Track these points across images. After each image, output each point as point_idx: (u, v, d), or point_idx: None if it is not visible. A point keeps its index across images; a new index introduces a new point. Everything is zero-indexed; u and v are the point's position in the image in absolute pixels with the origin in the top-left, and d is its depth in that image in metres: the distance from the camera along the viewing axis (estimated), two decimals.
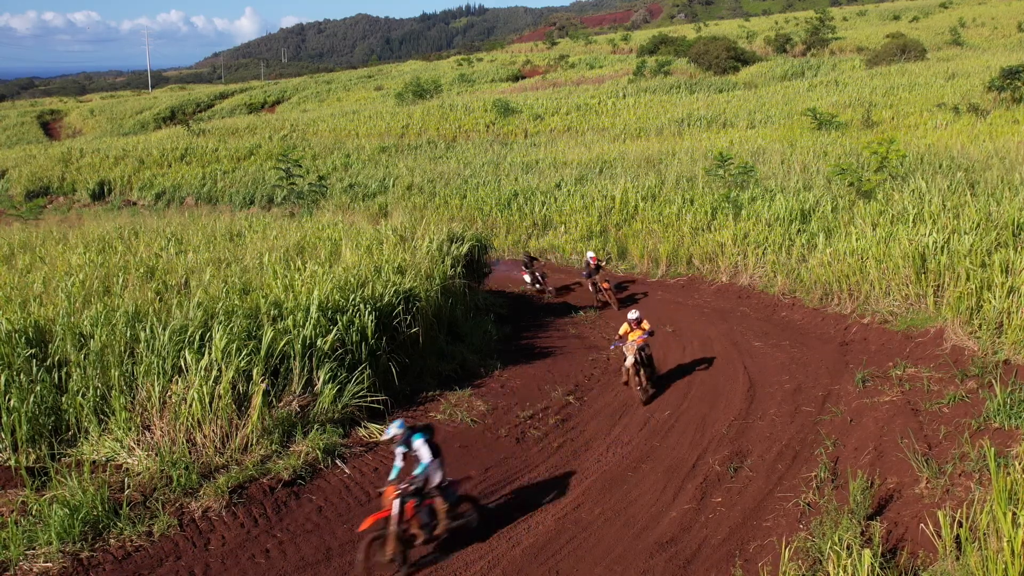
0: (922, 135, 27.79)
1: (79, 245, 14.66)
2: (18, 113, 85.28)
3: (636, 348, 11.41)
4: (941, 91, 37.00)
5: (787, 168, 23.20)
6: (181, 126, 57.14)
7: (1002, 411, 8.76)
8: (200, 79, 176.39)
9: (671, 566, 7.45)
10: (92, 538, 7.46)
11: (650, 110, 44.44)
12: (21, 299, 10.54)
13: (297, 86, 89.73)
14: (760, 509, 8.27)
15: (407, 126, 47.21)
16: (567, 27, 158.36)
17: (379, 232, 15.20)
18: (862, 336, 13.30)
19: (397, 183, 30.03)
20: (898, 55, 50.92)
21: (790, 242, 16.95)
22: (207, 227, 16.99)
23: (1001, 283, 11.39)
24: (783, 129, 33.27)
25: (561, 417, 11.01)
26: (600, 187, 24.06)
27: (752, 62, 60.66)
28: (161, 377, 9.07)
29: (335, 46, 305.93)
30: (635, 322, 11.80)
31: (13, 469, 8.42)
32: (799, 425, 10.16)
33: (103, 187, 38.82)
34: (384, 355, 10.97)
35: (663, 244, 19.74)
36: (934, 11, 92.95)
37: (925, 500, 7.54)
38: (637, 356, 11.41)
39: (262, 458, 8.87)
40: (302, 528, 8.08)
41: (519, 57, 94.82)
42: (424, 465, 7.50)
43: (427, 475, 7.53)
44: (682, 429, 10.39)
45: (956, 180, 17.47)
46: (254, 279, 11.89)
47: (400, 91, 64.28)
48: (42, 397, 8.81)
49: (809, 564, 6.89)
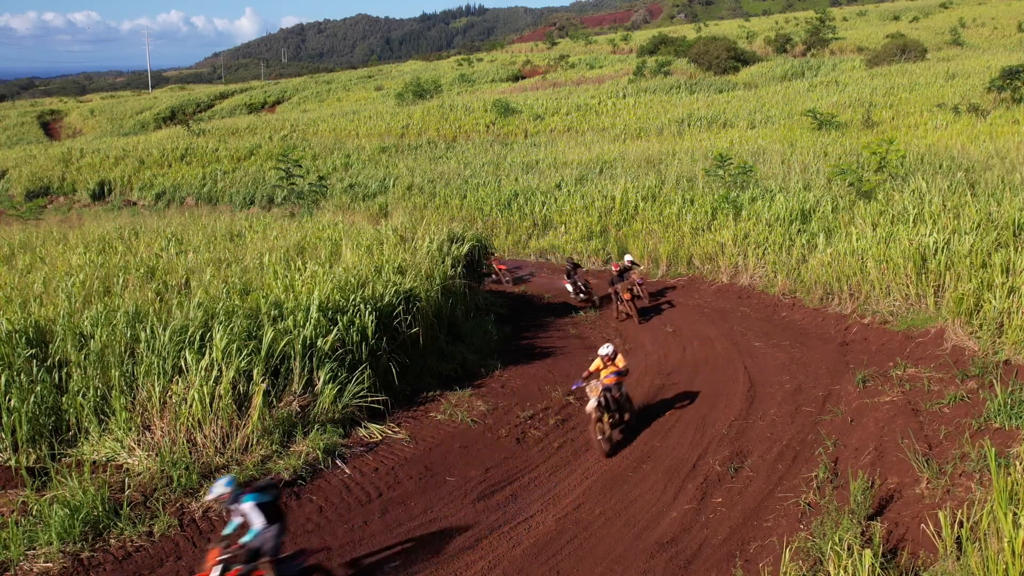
0: (922, 135, 27.79)
1: (79, 245, 14.67)
2: (18, 113, 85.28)
3: (602, 389, 9.75)
4: (941, 91, 36.99)
5: (787, 168, 23.20)
6: (181, 126, 57.15)
7: (1002, 411, 8.75)
8: (200, 79, 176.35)
9: (672, 566, 7.44)
10: (92, 538, 7.46)
11: (650, 110, 44.44)
12: (21, 299, 10.55)
13: (297, 86, 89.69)
14: (761, 509, 8.27)
15: (407, 126, 47.21)
16: (567, 27, 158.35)
17: (379, 232, 15.20)
18: (862, 336, 13.30)
19: (397, 183, 30.04)
20: (898, 55, 50.91)
21: (790, 242, 16.95)
22: (207, 227, 16.99)
23: (1001, 283, 11.38)
24: (783, 129, 33.27)
25: (561, 417, 11.00)
26: (600, 187, 24.06)
27: (752, 62, 60.66)
28: (161, 377, 9.07)
29: (335, 46, 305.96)
30: (608, 358, 10.27)
31: (13, 469, 8.42)
32: (799, 425, 10.15)
33: (103, 187, 38.84)
34: (384, 355, 10.97)
35: (663, 244, 19.74)
36: (934, 11, 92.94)
37: (926, 500, 7.53)
38: (603, 399, 9.69)
39: (262, 458, 8.87)
40: (303, 528, 8.08)
41: (519, 57, 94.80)
42: (254, 532, 6.45)
43: (259, 544, 6.46)
44: (682, 429, 10.39)
45: (956, 180, 17.47)
46: (254, 279, 11.89)
47: (400, 91, 64.28)
48: (42, 397, 8.81)
49: (810, 564, 6.88)
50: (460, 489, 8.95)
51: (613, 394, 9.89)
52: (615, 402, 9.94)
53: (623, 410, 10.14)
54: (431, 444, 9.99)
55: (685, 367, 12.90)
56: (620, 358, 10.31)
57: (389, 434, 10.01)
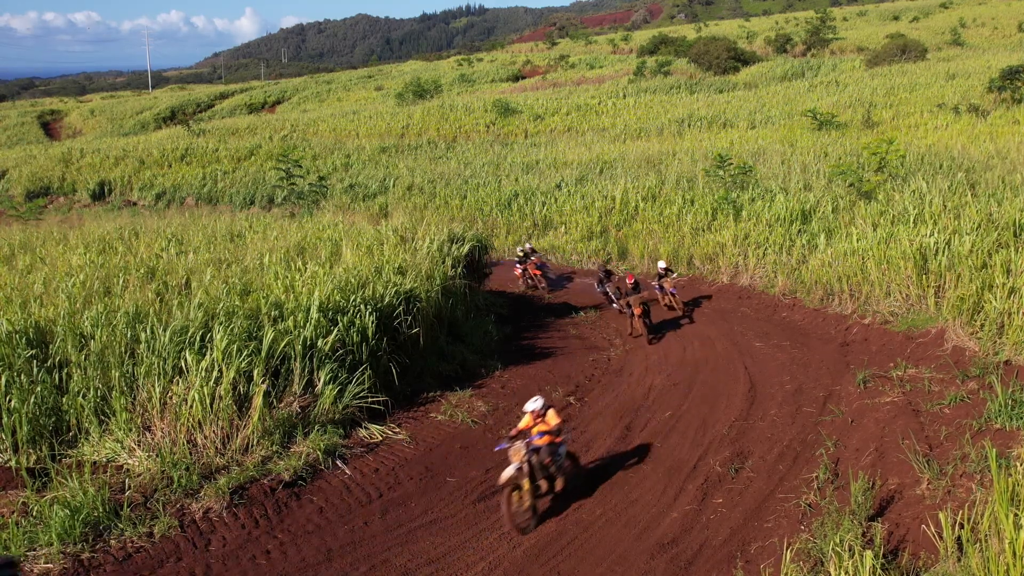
0: (923, 135, 27.79)
1: (79, 246, 14.66)
2: (18, 113, 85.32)
3: (527, 452, 8.00)
4: (941, 91, 36.99)
5: (787, 168, 23.19)
6: (181, 126, 57.17)
7: (1003, 412, 8.74)
8: (200, 79, 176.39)
9: (672, 567, 7.44)
10: (93, 539, 7.45)
11: (650, 110, 44.46)
12: (22, 300, 10.53)
13: (297, 86, 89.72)
14: (761, 510, 8.26)
15: (407, 126, 47.23)
16: (567, 27, 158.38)
17: (380, 232, 15.20)
18: (863, 336, 13.29)
19: (397, 183, 30.04)
20: (898, 55, 50.92)
21: (791, 242, 16.95)
22: (207, 227, 16.98)
23: (1002, 284, 11.38)
24: (783, 129, 33.27)
25: (562, 418, 10.98)
26: (600, 187, 24.07)
27: (752, 62, 60.70)
28: (162, 378, 9.07)
29: (335, 46, 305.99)
30: (537, 414, 8.39)
31: (14, 470, 8.42)
32: (800, 426, 10.15)
33: (103, 187, 38.84)
34: (385, 356, 10.96)
35: (663, 244, 19.73)
36: (934, 11, 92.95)
37: (926, 501, 7.53)
38: (527, 464, 7.99)
39: (263, 459, 8.86)
40: (303, 529, 8.08)
41: (519, 57, 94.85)
42: None
43: None
44: (683, 430, 10.38)
45: (957, 181, 17.47)
46: (255, 280, 11.89)
47: (400, 91, 64.31)
48: (43, 398, 8.80)
49: (811, 565, 6.88)
50: (461, 490, 8.94)
51: (542, 458, 8.15)
52: (543, 469, 8.19)
53: (555, 478, 8.35)
54: (431, 445, 9.99)
55: (685, 367, 12.90)
56: (552, 414, 8.45)
57: (389, 435, 10.01)
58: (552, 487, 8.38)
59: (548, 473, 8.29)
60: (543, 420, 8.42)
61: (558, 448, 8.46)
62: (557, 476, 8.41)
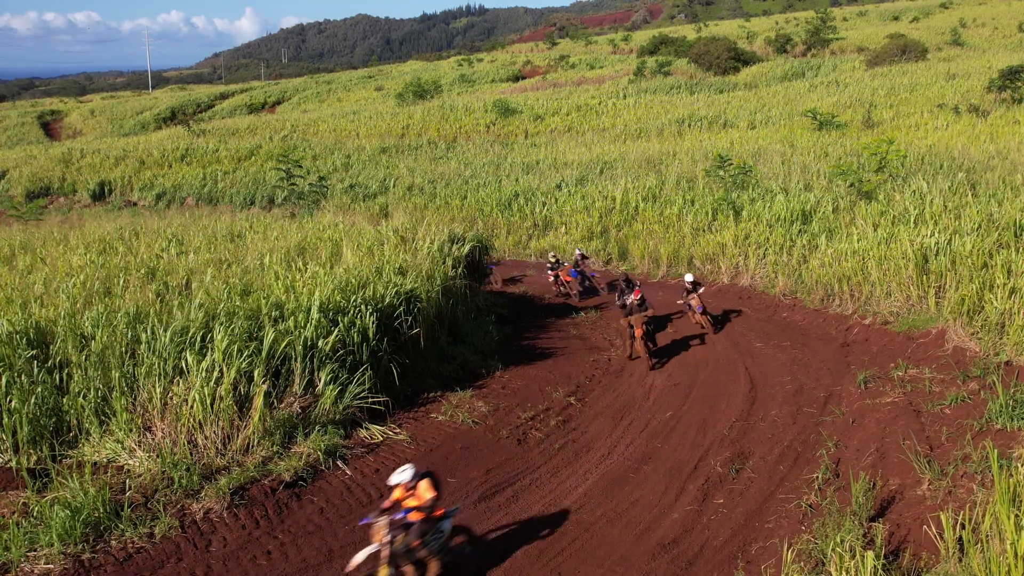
0: (923, 136, 27.80)
1: (80, 246, 14.66)
2: (18, 113, 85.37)
3: (389, 532, 6.66)
4: (942, 91, 37.01)
5: (788, 169, 23.20)
6: (181, 126, 57.23)
7: (1004, 412, 8.74)
8: (200, 79, 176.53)
9: (673, 567, 7.44)
10: (93, 539, 7.44)
11: (650, 110, 44.48)
12: (22, 300, 10.53)
13: (297, 86, 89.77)
14: (762, 511, 8.26)
15: (407, 126, 47.26)
16: (567, 27, 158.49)
17: (380, 233, 15.19)
18: (863, 337, 13.29)
19: (398, 184, 30.07)
20: (899, 55, 50.94)
21: (791, 243, 16.94)
22: (208, 228, 16.99)
23: (1003, 284, 11.37)
24: (784, 130, 33.28)
25: (562, 418, 10.99)
26: (601, 188, 24.08)
27: (752, 62, 60.73)
28: (162, 378, 9.06)
29: (335, 46, 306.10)
30: (406, 486, 6.87)
31: (14, 470, 8.41)
32: (801, 426, 10.15)
33: (103, 188, 38.89)
34: (385, 356, 10.96)
35: (664, 245, 19.74)
36: (934, 11, 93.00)
37: (927, 502, 7.52)
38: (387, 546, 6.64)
39: (263, 459, 8.86)
40: (303, 529, 8.07)
41: (519, 57, 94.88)
42: None
43: None
44: (684, 430, 10.38)
45: (957, 181, 17.47)
46: (255, 280, 11.89)
47: (400, 91, 64.34)
48: (43, 398, 8.80)
49: (812, 566, 6.88)
50: (461, 490, 8.93)
51: (410, 540, 6.71)
52: (408, 553, 6.72)
53: (425, 563, 6.83)
54: (432, 445, 9.99)
55: (686, 367, 12.90)
56: (426, 485, 6.83)
57: (390, 435, 10.01)
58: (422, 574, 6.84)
59: (415, 559, 6.77)
60: (414, 493, 6.87)
61: (438, 525, 6.96)
62: (430, 560, 6.83)
